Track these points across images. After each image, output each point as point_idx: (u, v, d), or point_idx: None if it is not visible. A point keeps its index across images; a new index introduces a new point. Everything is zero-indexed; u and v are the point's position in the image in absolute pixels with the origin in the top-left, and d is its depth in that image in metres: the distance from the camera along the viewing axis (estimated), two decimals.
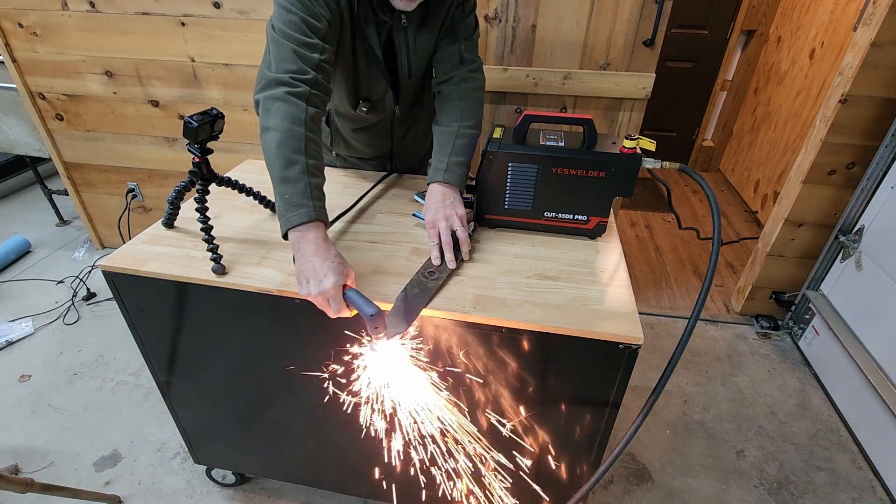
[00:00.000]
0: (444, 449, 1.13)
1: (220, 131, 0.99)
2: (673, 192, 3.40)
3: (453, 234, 0.99)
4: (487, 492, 1.18)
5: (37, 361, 1.92)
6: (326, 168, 1.38)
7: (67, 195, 2.46)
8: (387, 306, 0.87)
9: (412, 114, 1.29)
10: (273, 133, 0.87)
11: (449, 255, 0.97)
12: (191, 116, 0.92)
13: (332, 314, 0.83)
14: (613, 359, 0.85)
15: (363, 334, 0.87)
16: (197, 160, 0.98)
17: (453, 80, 1.16)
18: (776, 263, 2.08)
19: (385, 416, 1.09)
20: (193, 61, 1.94)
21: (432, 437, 1.10)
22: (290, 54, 0.92)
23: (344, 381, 1.05)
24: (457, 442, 1.10)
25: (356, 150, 1.37)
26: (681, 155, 3.73)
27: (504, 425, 1.03)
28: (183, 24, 1.86)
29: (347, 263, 0.85)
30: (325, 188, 0.91)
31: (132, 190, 2.36)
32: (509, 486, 1.15)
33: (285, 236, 0.86)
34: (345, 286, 0.82)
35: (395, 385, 1.00)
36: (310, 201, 0.85)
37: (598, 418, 0.96)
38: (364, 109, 1.18)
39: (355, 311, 0.83)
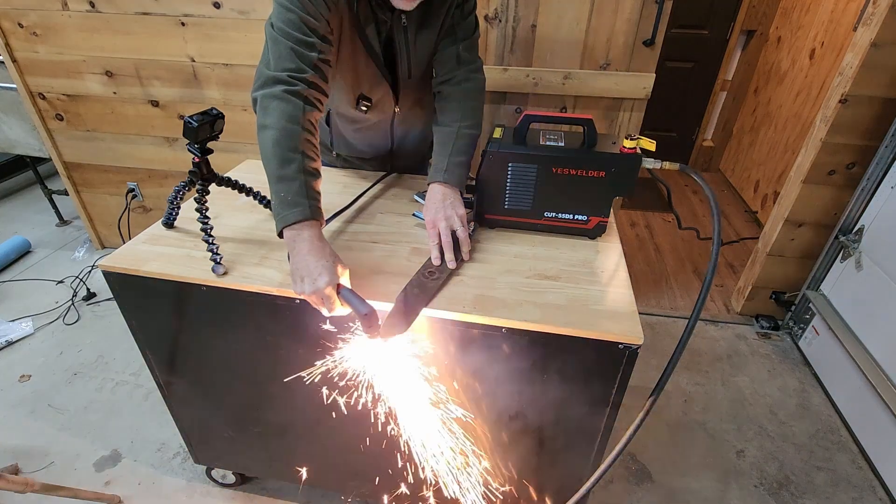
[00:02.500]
0: (443, 448, 1.12)
1: (220, 131, 0.99)
2: (673, 192, 3.40)
3: (453, 234, 0.99)
4: (487, 491, 1.18)
5: (37, 361, 1.92)
6: (327, 168, 1.38)
7: (67, 195, 2.46)
8: (387, 306, 0.87)
9: (412, 114, 1.29)
10: (270, 131, 0.88)
11: (449, 255, 0.97)
12: (191, 116, 0.92)
13: (326, 313, 0.84)
14: (613, 359, 0.85)
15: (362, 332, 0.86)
16: (197, 160, 0.98)
17: (453, 81, 1.16)
18: (776, 263, 2.08)
19: (383, 415, 1.09)
20: (193, 61, 1.94)
21: (431, 436, 1.09)
22: (288, 52, 0.92)
23: (342, 382, 1.05)
24: (456, 442, 1.10)
25: (356, 150, 1.37)
26: (681, 155, 3.73)
27: (503, 425, 1.03)
28: (183, 24, 1.86)
29: (342, 262, 0.85)
30: (325, 188, 0.91)
31: (132, 190, 2.36)
32: (509, 485, 1.15)
33: (280, 234, 0.86)
34: (339, 285, 0.82)
35: (393, 384, 1.00)
36: (305, 200, 0.85)
37: (598, 418, 0.95)
38: (364, 109, 1.18)
39: (349, 310, 0.83)
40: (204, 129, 0.94)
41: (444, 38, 1.14)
